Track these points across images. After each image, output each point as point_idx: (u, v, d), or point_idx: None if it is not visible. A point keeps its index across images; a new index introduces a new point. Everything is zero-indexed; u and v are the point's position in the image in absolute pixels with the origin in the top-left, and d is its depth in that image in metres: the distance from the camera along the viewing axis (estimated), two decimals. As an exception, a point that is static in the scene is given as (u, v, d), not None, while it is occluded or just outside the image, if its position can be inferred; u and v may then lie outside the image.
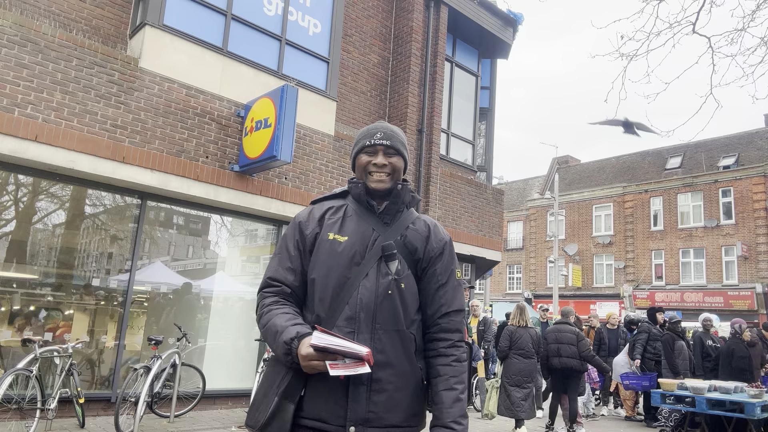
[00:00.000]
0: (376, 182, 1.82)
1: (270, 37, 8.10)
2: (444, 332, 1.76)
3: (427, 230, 1.85)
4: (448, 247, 1.86)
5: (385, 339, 1.67)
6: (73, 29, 6.84)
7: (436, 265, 1.80)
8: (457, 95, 11.50)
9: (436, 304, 1.78)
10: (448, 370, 1.72)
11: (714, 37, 4.81)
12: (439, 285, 1.79)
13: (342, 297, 1.69)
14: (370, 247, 1.75)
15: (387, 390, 1.64)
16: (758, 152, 25.86)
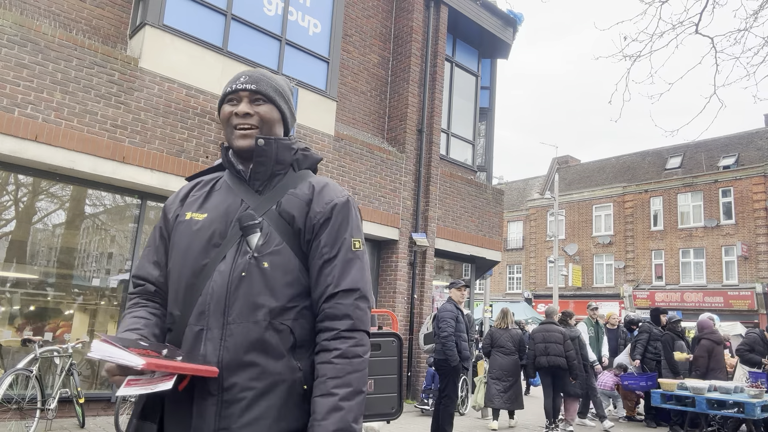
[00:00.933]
0: (239, 138, 1.46)
1: (270, 37, 8.10)
2: (329, 320, 1.36)
3: (311, 192, 1.46)
4: (339, 211, 1.44)
5: (239, 334, 1.32)
6: (73, 29, 6.84)
7: (321, 235, 1.41)
8: (457, 95, 11.50)
9: (321, 284, 1.39)
10: (327, 370, 1.31)
11: (717, 38, 4.81)
12: (325, 260, 1.39)
13: (196, 288, 1.37)
14: (234, 224, 1.41)
15: (244, 398, 1.29)
16: (758, 152, 25.86)
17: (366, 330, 1.37)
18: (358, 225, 1.48)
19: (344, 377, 1.30)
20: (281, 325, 1.35)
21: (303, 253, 1.42)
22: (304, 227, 1.42)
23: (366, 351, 1.36)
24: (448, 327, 5.89)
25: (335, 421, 1.26)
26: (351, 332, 1.35)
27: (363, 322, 1.38)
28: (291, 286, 1.38)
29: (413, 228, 9.89)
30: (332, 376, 1.30)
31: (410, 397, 9.28)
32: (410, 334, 9.46)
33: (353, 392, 1.29)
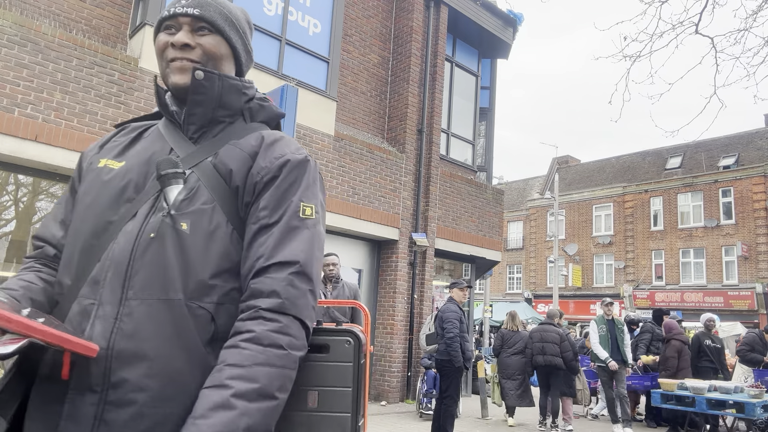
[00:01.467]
0: (175, 72, 1.14)
1: (270, 36, 8.10)
2: (252, 297, 1.03)
3: (258, 144, 1.15)
4: (291, 170, 1.13)
5: (140, 314, 0.99)
6: (73, 29, 6.84)
7: (263, 196, 1.10)
8: (457, 95, 11.50)
9: (251, 256, 1.06)
10: (228, 355, 0.97)
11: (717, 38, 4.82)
12: (261, 226, 1.07)
13: (94, 252, 1.07)
14: (153, 175, 1.11)
15: (135, 402, 0.95)
16: (758, 152, 25.86)
17: (301, 318, 1.03)
18: (315, 191, 1.15)
19: (249, 368, 0.94)
20: (199, 308, 1.01)
21: (239, 219, 1.10)
22: (244, 186, 1.11)
23: (294, 344, 1.00)
24: (454, 328, 5.89)
25: (217, 422, 0.89)
26: (276, 314, 1.00)
27: (297, 306, 1.02)
28: (217, 259, 1.05)
29: (413, 228, 9.89)
30: (232, 363, 0.95)
31: (410, 398, 9.28)
32: (410, 334, 9.46)
33: (257, 392, 0.93)
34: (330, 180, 8.67)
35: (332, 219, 8.62)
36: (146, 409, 0.95)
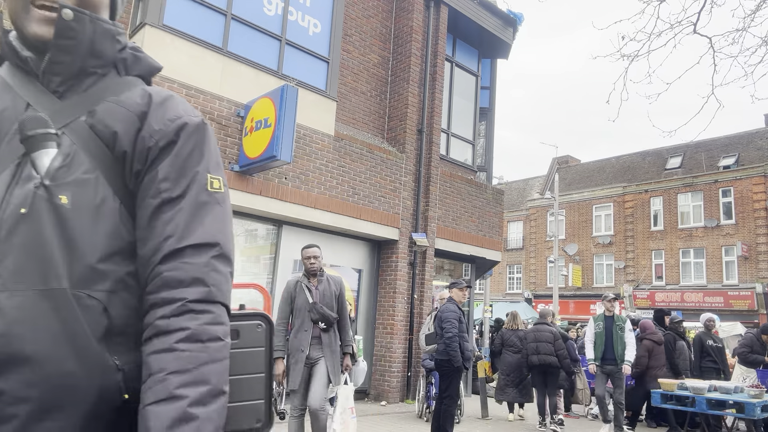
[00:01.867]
0: (40, 22, 0.93)
1: (270, 36, 8.10)
2: (168, 288, 0.89)
3: (145, 102, 0.97)
4: (191, 134, 0.98)
5: (12, 309, 0.82)
6: (73, 29, 6.84)
7: (160, 164, 0.94)
8: (457, 95, 11.51)
9: (156, 236, 0.91)
10: (167, 361, 0.84)
11: (715, 37, 4.83)
12: (164, 200, 0.93)
13: None
14: (11, 136, 0.91)
15: (16, 416, 0.79)
16: (758, 152, 25.86)
17: (226, 304, 0.95)
18: (219, 161, 1.01)
19: (196, 371, 0.84)
20: (89, 298, 0.86)
21: (127, 191, 0.93)
22: (133, 151, 0.93)
23: (227, 332, 0.92)
24: (453, 328, 5.87)
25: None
26: (205, 304, 0.89)
27: (222, 292, 0.93)
28: (106, 239, 0.89)
29: (413, 228, 9.89)
30: (176, 370, 0.83)
31: (410, 398, 9.28)
32: (410, 334, 9.46)
33: (210, 393, 0.85)
34: (330, 180, 8.67)
35: (332, 219, 8.63)
36: (31, 424, 0.79)
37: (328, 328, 4.60)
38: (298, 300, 4.65)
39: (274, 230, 8.43)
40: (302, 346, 4.52)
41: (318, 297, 4.64)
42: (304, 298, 4.61)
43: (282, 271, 8.35)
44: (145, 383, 0.85)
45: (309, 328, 4.56)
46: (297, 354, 4.53)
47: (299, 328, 4.59)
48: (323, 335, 4.59)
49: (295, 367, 4.51)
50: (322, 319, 4.56)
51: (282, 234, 8.42)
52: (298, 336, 4.57)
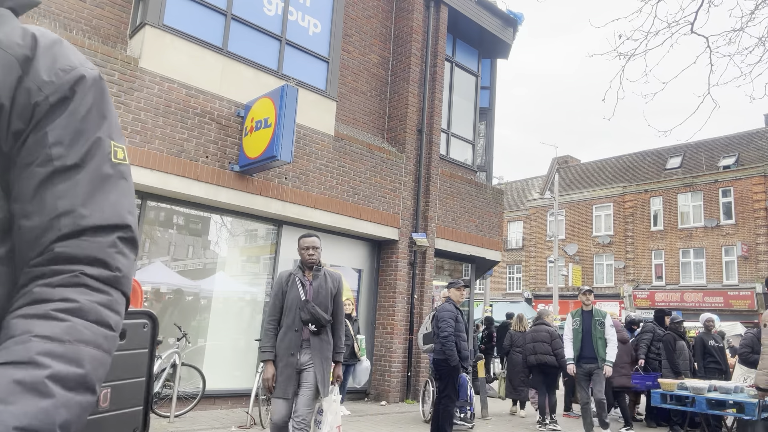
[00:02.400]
0: None
1: (270, 37, 8.10)
2: (62, 261, 0.74)
3: (29, 45, 0.78)
4: (89, 90, 0.81)
5: None
6: (73, 29, 6.84)
7: (50, 124, 0.77)
8: (457, 95, 11.50)
9: (45, 212, 0.75)
10: (35, 325, 0.68)
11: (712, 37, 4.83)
12: (57, 169, 0.76)
13: None
14: None
15: None
16: (758, 152, 25.85)
17: (128, 296, 0.80)
18: (119, 124, 0.86)
19: (70, 345, 0.68)
20: None
21: (1, 152, 0.76)
22: (12, 105, 0.75)
23: (119, 326, 0.76)
24: (448, 327, 5.88)
25: (28, 412, 0.62)
26: (105, 285, 0.75)
27: (127, 280, 0.79)
28: None
29: (413, 228, 9.89)
30: (46, 336, 0.67)
31: (410, 398, 9.28)
32: (410, 334, 9.46)
33: (81, 381, 0.68)
34: (330, 180, 8.67)
35: (332, 219, 8.63)
36: None
37: (319, 330, 4.03)
38: (289, 295, 4.07)
39: (274, 230, 8.43)
40: (291, 349, 3.97)
41: (311, 294, 4.08)
42: (296, 294, 4.05)
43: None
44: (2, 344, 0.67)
45: (300, 329, 4.00)
46: (286, 358, 3.97)
47: (288, 328, 4.01)
48: (313, 339, 4.02)
49: (284, 371, 3.94)
50: (312, 320, 3.99)
51: (282, 234, 8.42)
52: (287, 337, 4.00)
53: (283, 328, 4.04)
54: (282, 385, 3.93)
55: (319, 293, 4.09)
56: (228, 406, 7.55)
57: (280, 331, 4.05)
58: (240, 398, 7.60)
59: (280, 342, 4.01)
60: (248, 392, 6.97)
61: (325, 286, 4.15)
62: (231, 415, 7.07)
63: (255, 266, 8.33)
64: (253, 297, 8.20)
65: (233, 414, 7.18)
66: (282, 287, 4.14)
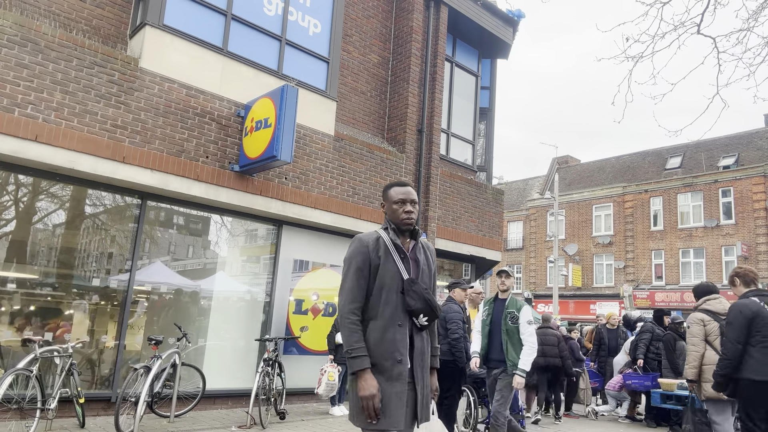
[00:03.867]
0: None
1: (270, 37, 8.10)
2: None
3: None
4: None
5: None
6: (73, 29, 6.84)
7: None
8: (457, 95, 11.51)
9: None
10: None
11: (719, 38, 4.83)
12: None
13: None
14: None
15: None
16: (758, 152, 25.85)
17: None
18: None
19: None
20: None
21: None
22: None
23: None
24: (459, 329, 5.90)
25: None
26: None
27: None
28: None
29: (413, 228, 9.89)
30: None
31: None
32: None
33: None
34: (330, 180, 8.67)
35: (332, 219, 8.62)
36: None
37: (427, 326, 2.70)
38: (383, 270, 2.62)
39: (274, 230, 8.43)
40: (399, 353, 2.55)
41: (415, 271, 2.73)
42: (395, 270, 2.63)
43: (282, 272, 8.34)
44: None
45: (405, 323, 2.60)
46: (392, 366, 2.52)
47: (389, 321, 2.57)
48: (416, 337, 2.66)
49: (390, 388, 2.50)
50: (425, 310, 2.62)
51: (282, 234, 8.42)
52: (387, 335, 2.56)
53: (377, 322, 2.58)
54: (392, 409, 2.48)
55: (423, 271, 2.76)
56: (228, 406, 7.55)
57: (371, 325, 2.60)
58: (240, 398, 7.60)
59: (377, 343, 2.55)
60: (248, 392, 6.97)
61: (428, 263, 2.83)
62: (231, 415, 7.07)
63: (255, 266, 8.33)
64: (254, 297, 8.20)
65: (233, 414, 7.18)
66: (369, 257, 2.63)
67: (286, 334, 8.22)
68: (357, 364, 2.49)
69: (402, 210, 2.75)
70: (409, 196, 2.76)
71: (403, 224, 2.75)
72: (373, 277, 2.63)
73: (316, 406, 8.26)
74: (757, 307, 4.28)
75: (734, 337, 4.25)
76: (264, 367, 6.57)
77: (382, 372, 2.52)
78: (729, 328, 4.35)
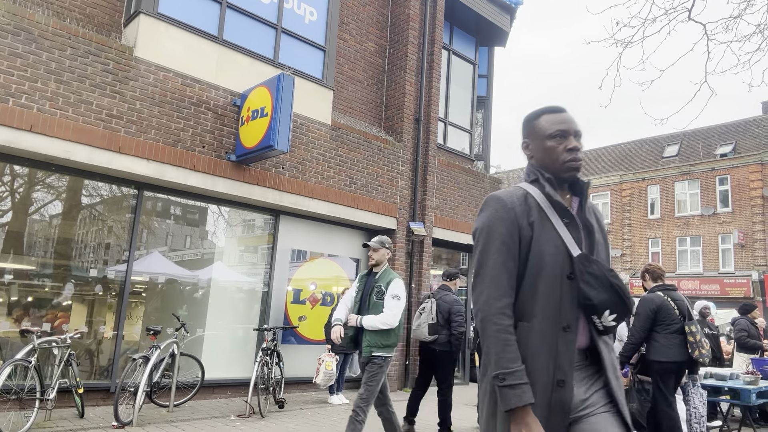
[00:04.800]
0: None
1: (266, 25, 8.03)
2: None
3: None
4: None
5: None
6: (67, 18, 6.77)
7: None
8: (455, 84, 11.46)
9: None
10: None
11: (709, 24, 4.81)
12: None
13: None
14: None
15: None
16: (755, 140, 25.86)
17: None
18: None
19: None
20: None
21: None
22: None
23: None
24: (464, 321, 6.05)
25: None
26: None
27: None
28: None
29: (411, 217, 9.89)
30: None
31: (408, 386, 9.33)
32: (408, 323, 9.49)
33: None
34: (327, 169, 8.64)
35: (330, 208, 8.61)
36: None
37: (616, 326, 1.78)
38: (540, 244, 1.75)
39: (272, 220, 8.41)
40: (560, 371, 1.69)
41: (588, 243, 1.83)
42: (558, 243, 1.76)
43: (280, 262, 8.34)
44: None
45: (573, 325, 1.71)
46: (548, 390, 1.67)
47: (551, 323, 1.71)
48: (601, 345, 1.76)
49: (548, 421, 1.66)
50: (612, 302, 1.73)
51: (279, 224, 8.40)
52: (547, 343, 1.70)
53: (529, 325, 1.72)
54: None
55: (598, 243, 1.85)
56: (227, 396, 7.59)
57: (519, 329, 1.73)
58: (239, 388, 7.63)
59: (530, 358, 1.70)
60: (247, 382, 6.99)
61: (601, 229, 1.91)
62: (230, 405, 7.10)
63: (253, 256, 8.33)
64: (252, 287, 8.21)
65: (232, 403, 7.21)
66: (518, 225, 1.76)
67: (285, 323, 8.24)
68: (514, 398, 1.58)
69: (563, 147, 1.82)
70: (571, 125, 1.84)
71: (567, 170, 1.81)
72: (523, 257, 1.73)
73: (315, 395, 8.30)
74: (660, 300, 5.13)
75: (640, 326, 5.11)
76: (262, 357, 6.59)
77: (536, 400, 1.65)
78: (636, 318, 5.16)
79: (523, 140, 1.94)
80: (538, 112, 1.91)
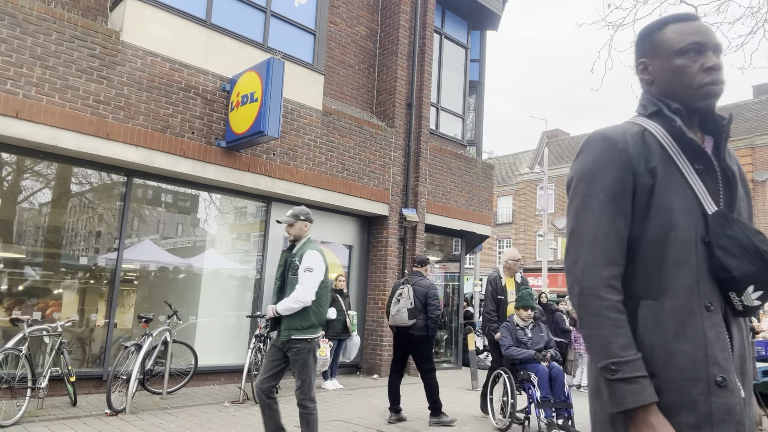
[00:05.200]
0: None
1: (255, 8, 7.92)
2: None
3: None
4: None
5: None
6: (52, 2, 6.64)
7: None
8: (447, 68, 11.38)
9: None
10: None
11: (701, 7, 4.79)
12: None
13: None
14: None
15: None
16: (746, 124, 25.97)
17: None
18: None
19: None
20: None
21: None
22: None
23: None
24: (440, 305, 6.18)
25: None
26: None
27: None
28: None
29: (403, 203, 9.87)
30: None
31: (402, 371, 9.37)
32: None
33: None
34: (319, 156, 8.59)
35: (322, 195, 8.57)
36: None
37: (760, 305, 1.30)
38: (665, 198, 1.30)
39: (263, 207, 8.37)
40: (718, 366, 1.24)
41: (728, 197, 1.37)
42: (689, 196, 1.31)
43: (272, 249, 8.31)
44: None
45: (717, 304, 1.28)
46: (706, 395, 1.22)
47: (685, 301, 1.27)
48: (735, 329, 1.31)
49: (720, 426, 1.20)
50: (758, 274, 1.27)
51: (271, 211, 8.36)
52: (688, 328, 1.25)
53: (657, 303, 1.29)
54: None
55: (740, 197, 1.41)
56: (220, 382, 7.59)
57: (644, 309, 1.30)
58: (232, 374, 7.64)
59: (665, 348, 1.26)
60: (240, 368, 7.00)
61: (742, 179, 1.47)
62: (224, 391, 7.11)
63: (245, 243, 8.29)
64: (244, 274, 8.18)
65: (226, 390, 7.22)
66: (632, 171, 1.33)
67: (278, 310, 8.23)
68: (630, 395, 1.21)
69: (699, 66, 1.37)
70: (709, 37, 1.39)
71: (704, 96, 1.37)
72: (641, 213, 1.33)
73: (309, 380, 8.32)
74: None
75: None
76: (256, 343, 6.59)
77: (680, 407, 1.24)
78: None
79: (638, 61, 1.47)
80: (660, 22, 1.43)
